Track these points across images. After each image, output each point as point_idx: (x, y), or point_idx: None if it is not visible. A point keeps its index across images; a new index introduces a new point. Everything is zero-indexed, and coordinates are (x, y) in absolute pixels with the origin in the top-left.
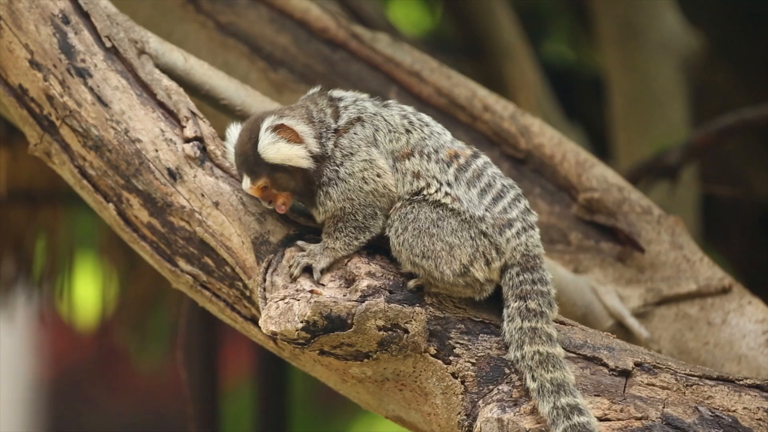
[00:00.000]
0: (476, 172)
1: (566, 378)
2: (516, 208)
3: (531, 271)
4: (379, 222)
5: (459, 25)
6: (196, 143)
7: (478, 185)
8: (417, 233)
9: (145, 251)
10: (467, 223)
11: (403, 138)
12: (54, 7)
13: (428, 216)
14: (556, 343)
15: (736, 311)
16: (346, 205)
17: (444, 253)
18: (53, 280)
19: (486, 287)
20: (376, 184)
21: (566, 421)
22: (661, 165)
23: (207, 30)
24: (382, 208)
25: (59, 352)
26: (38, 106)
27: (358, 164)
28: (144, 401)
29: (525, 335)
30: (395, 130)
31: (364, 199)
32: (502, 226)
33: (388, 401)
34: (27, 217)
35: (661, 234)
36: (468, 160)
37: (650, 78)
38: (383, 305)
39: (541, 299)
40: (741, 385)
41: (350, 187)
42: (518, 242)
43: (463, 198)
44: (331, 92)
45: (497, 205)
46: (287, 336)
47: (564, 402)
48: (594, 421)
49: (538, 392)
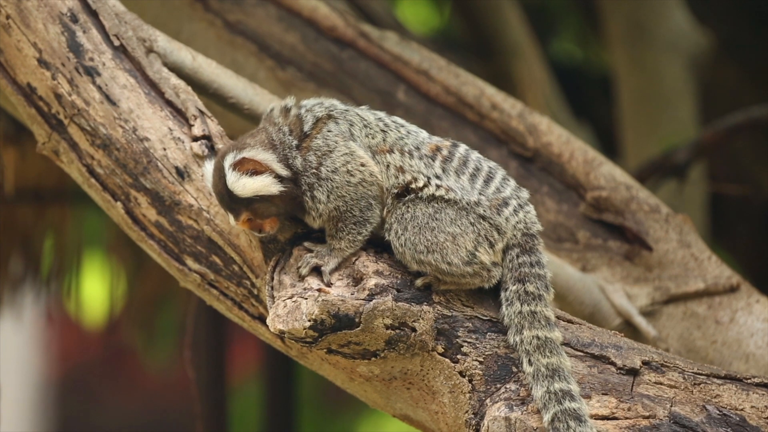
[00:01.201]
0: (461, 159)
1: (562, 363)
2: (507, 186)
3: (529, 253)
4: (377, 211)
5: (467, 23)
6: (204, 142)
7: (467, 171)
8: (417, 230)
9: (152, 250)
10: (464, 210)
11: (378, 135)
12: (62, 6)
13: (425, 212)
14: (554, 326)
15: (744, 310)
16: (339, 204)
17: (449, 244)
18: (61, 278)
19: (493, 273)
20: (363, 173)
21: (557, 405)
22: (669, 163)
23: (215, 28)
24: (375, 197)
25: (67, 351)
26: (46, 104)
27: (339, 159)
28: (151, 399)
29: (524, 319)
30: (370, 126)
31: (355, 192)
32: (499, 206)
33: (396, 400)
34: (35, 215)
35: (669, 232)
36: (450, 150)
37: (658, 76)
38: (391, 304)
39: (539, 282)
40: (749, 383)
41: (337, 184)
42: (517, 219)
43: (455, 187)
44: (284, 104)
45: (489, 186)
46: (295, 334)
47: (557, 387)
48: (585, 407)
49: (533, 376)
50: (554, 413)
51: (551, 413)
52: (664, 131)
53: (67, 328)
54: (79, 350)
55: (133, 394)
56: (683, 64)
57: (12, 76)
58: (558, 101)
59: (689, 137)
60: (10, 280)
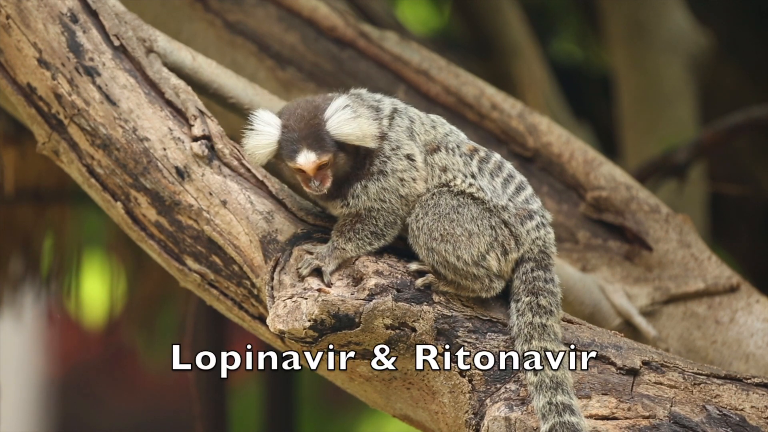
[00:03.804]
0: (497, 163)
1: (566, 377)
2: (535, 202)
3: (545, 269)
4: (395, 231)
5: (467, 23)
6: (204, 142)
7: (501, 175)
8: (437, 217)
9: (152, 250)
10: (489, 212)
11: (432, 131)
12: (62, 6)
13: (449, 203)
14: (561, 343)
15: (744, 310)
16: (375, 206)
17: (463, 239)
18: (61, 278)
19: (495, 284)
20: (410, 189)
21: (557, 417)
22: (669, 163)
23: (215, 28)
24: (402, 217)
25: (67, 351)
26: (46, 104)
27: (401, 162)
28: (151, 399)
29: (534, 330)
30: (425, 123)
31: (393, 203)
32: (524, 217)
33: (396, 400)
34: (35, 215)
35: (669, 232)
36: (488, 153)
37: (658, 76)
38: (391, 304)
39: (552, 298)
40: (749, 383)
41: (389, 185)
42: (537, 235)
43: (487, 188)
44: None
45: (520, 195)
46: (295, 334)
47: (559, 400)
48: (584, 423)
49: (537, 387)
50: (553, 424)
51: (550, 424)
52: (664, 131)
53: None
54: (79, 350)
55: (133, 394)
56: (683, 64)
57: (12, 76)
58: (558, 101)
59: (689, 137)
60: (10, 280)
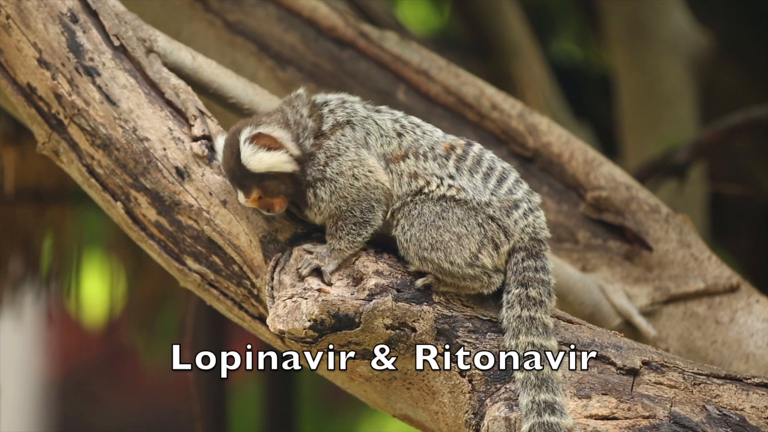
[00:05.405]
0: (475, 158)
1: (553, 374)
2: (520, 189)
3: (535, 257)
4: (379, 214)
5: (467, 23)
6: (204, 142)
7: (480, 170)
8: (423, 227)
9: (152, 250)
10: (474, 211)
11: (394, 141)
12: (62, 6)
13: (432, 210)
14: (552, 335)
15: (744, 310)
16: (341, 204)
17: (453, 243)
18: (61, 278)
19: (494, 279)
20: (368, 179)
21: (537, 417)
22: (669, 163)
23: (215, 28)
24: (378, 200)
25: (67, 351)
26: (46, 104)
27: (346, 163)
28: (151, 399)
29: (522, 324)
30: (386, 134)
31: (357, 194)
32: (509, 208)
33: (396, 400)
34: (35, 215)
35: (669, 232)
36: (465, 149)
37: (658, 76)
38: (391, 304)
39: (542, 288)
40: (749, 383)
41: (340, 185)
42: (526, 223)
43: (468, 187)
44: (314, 98)
45: (502, 186)
46: (295, 335)
47: (542, 398)
48: (565, 422)
49: (522, 384)
50: (532, 425)
51: (529, 424)
52: (664, 131)
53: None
54: (79, 350)
55: (133, 394)
56: (683, 64)
57: (12, 76)
58: (558, 101)
59: (689, 137)
60: (10, 280)
